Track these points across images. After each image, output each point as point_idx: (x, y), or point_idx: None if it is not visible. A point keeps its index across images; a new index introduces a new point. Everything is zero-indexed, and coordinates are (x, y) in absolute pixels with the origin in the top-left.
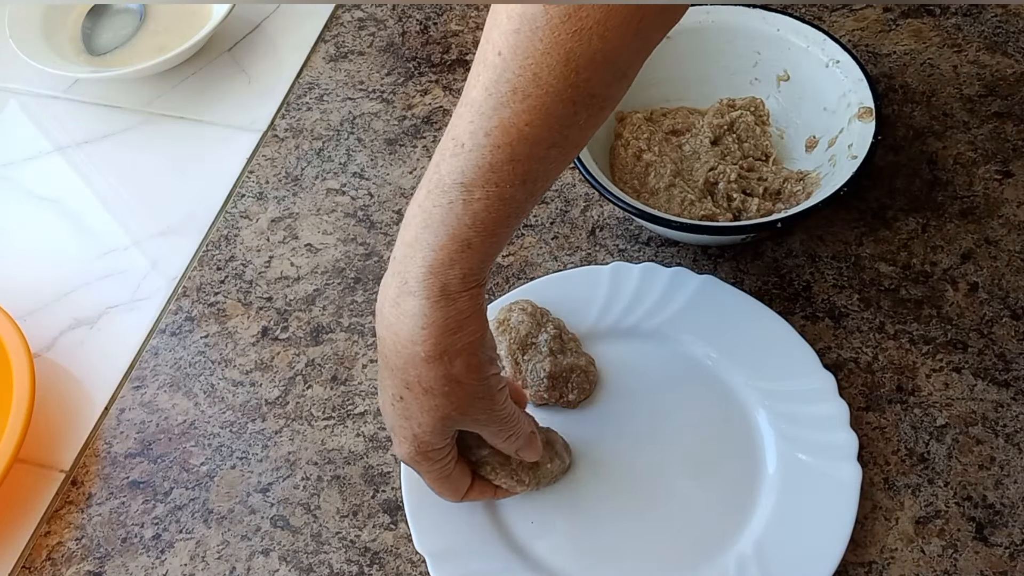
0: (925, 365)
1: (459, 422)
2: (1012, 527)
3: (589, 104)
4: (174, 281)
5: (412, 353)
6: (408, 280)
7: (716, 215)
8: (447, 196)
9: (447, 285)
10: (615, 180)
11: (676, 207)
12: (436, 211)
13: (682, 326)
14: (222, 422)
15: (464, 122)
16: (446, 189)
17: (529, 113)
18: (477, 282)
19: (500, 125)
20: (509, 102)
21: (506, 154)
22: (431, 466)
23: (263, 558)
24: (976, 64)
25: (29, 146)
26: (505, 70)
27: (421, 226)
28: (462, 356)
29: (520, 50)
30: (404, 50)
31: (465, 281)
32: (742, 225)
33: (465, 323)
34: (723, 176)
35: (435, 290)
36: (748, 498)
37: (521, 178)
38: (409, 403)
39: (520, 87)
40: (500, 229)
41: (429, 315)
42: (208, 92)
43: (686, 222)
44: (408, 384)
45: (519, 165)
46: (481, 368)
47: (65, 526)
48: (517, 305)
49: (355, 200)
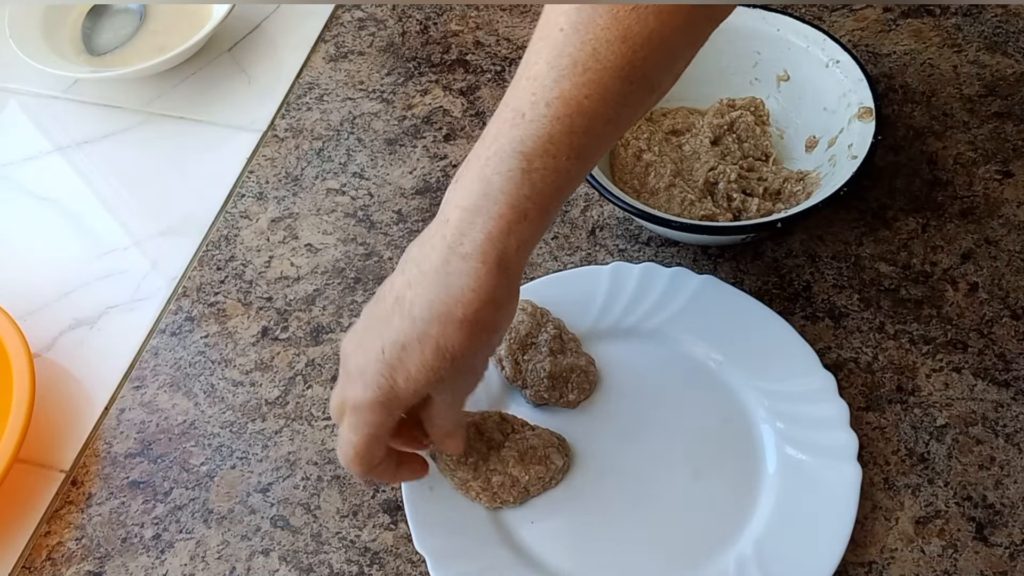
0: (925, 365)
1: (438, 388)
2: (1012, 527)
3: (642, 85)
4: (174, 281)
5: (448, 312)
6: (464, 243)
7: (716, 215)
8: (507, 164)
9: (504, 255)
10: (615, 180)
11: (676, 207)
12: (496, 179)
13: (682, 326)
14: (222, 422)
15: (526, 94)
16: (505, 158)
17: (588, 87)
18: (525, 261)
19: (560, 96)
20: (569, 75)
21: (565, 126)
22: (382, 421)
23: (263, 558)
24: (976, 64)
25: (29, 146)
26: (566, 44)
27: (480, 193)
28: (489, 332)
29: (581, 26)
30: (404, 50)
31: (519, 254)
32: (742, 225)
33: (506, 302)
34: (723, 176)
35: (491, 257)
36: (748, 498)
37: (577, 151)
38: (410, 355)
39: (580, 60)
40: (552, 204)
41: (482, 281)
42: (208, 92)
43: (686, 222)
44: (421, 338)
45: (576, 138)
46: (491, 350)
47: (65, 526)
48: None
49: (355, 200)
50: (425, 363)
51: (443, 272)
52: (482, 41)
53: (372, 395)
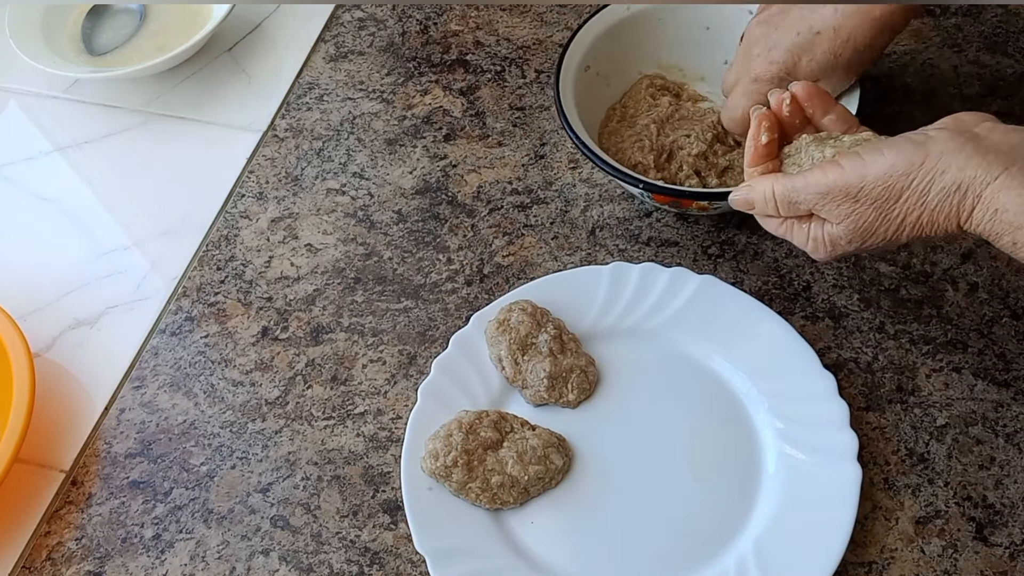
0: (925, 365)
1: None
2: (1012, 527)
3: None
4: (174, 281)
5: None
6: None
7: (666, 179)
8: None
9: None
10: (602, 130)
11: (630, 153)
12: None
13: (682, 326)
14: (222, 422)
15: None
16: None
17: None
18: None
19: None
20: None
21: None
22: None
23: (263, 558)
24: (976, 64)
25: (29, 146)
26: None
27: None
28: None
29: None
30: (404, 50)
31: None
32: (713, 192)
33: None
34: (686, 147)
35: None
36: (748, 498)
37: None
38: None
39: None
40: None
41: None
42: (208, 92)
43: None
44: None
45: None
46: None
47: (65, 526)
48: (517, 305)
49: (355, 200)
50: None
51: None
52: (482, 41)
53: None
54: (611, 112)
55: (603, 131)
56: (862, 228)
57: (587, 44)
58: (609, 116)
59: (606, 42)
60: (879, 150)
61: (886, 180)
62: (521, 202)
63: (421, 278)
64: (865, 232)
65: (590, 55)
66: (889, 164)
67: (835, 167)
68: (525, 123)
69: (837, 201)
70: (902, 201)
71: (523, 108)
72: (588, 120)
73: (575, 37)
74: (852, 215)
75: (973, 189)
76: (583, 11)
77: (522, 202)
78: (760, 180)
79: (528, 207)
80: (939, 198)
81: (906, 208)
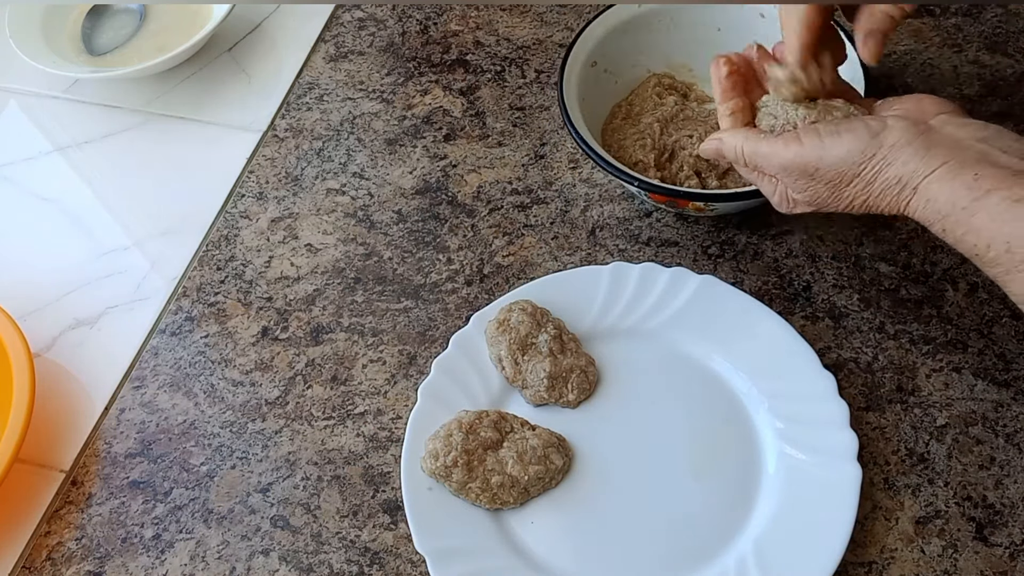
0: (925, 365)
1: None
2: (1012, 527)
3: None
4: (174, 281)
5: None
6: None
7: (667, 179)
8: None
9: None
10: (605, 127)
11: (632, 151)
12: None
13: (682, 326)
14: (222, 422)
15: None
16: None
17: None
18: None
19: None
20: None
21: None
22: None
23: (263, 558)
24: (976, 64)
25: (29, 146)
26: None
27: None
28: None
29: None
30: (404, 50)
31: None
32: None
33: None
34: (688, 147)
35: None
36: (748, 498)
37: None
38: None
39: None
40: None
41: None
42: (208, 92)
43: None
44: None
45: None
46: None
47: (65, 526)
48: (517, 305)
49: (355, 200)
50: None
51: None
52: (482, 41)
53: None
54: (616, 109)
55: (607, 128)
56: (817, 200)
57: (596, 39)
58: (614, 113)
59: (615, 38)
60: (838, 134)
61: (839, 167)
62: (521, 202)
63: (421, 278)
64: (820, 203)
65: (598, 51)
66: (844, 152)
67: (796, 143)
68: (525, 123)
69: (794, 176)
70: (851, 186)
71: (523, 108)
72: (592, 117)
73: (584, 32)
74: (808, 189)
75: (911, 182)
76: (583, 11)
77: (522, 202)
78: (732, 134)
79: (528, 207)
80: (882, 188)
81: (855, 191)
